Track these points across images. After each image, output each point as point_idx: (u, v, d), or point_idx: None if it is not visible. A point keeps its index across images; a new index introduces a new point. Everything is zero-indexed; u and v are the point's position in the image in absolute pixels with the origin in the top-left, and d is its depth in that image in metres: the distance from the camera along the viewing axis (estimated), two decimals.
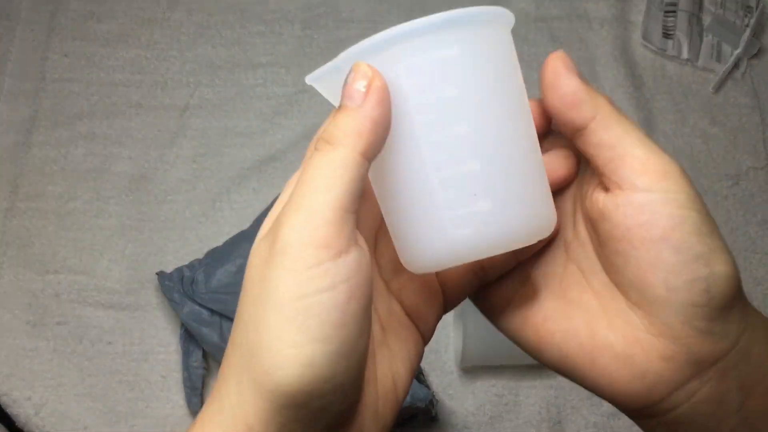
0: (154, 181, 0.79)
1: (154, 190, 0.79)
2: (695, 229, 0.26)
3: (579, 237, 0.30)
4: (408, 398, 0.62)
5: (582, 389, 0.74)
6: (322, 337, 0.24)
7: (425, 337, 0.32)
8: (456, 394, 0.71)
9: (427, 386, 0.66)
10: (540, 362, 0.30)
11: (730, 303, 0.26)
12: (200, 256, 0.74)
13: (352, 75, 0.27)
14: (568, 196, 0.30)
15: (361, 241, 0.26)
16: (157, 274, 0.72)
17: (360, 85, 0.26)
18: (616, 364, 0.27)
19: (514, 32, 0.30)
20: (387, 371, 0.29)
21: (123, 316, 0.73)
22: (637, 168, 0.26)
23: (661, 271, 0.25)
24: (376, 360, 0.29)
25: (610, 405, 0.43)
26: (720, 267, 0.26)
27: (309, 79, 0.28)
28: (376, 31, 0.28)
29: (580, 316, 0.28)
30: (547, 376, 0.71)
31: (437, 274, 0.32)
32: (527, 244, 0.27)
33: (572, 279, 0.30)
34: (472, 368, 0.71)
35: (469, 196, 0.26)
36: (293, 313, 0.24)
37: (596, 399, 0.70)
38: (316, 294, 0.24)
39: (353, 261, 0.25)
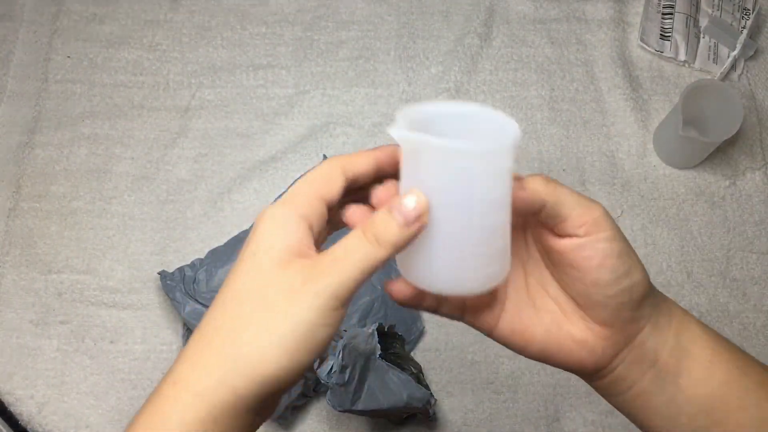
0: (155, 181, 0.80)
1: (156, 190, 0.79)
2: (620, 254, 0.37)
3: (532, 258, 0.41)
4: (405, 398, 0.62)
5: (580, 388, 0.75)
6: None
7: None
8: (455, 392, 0.71)
9: (426, 386, 0.67)
10: (525, 356, 0.41)
11: (644, 297, 0.38)
12: (202, 255, 0.74)
13: (414, 199, 0.35)
14: (519, 230, 0.41)
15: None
16: (159, 273, 0.73)
17: (413, 213, 0.35)
18: (576, 346, 0.39)
19: (513, 33, 0.31)
20: None
21: (125, 315, 0.74)
22: (576, 222, 0.37)
23: (599, 287, 0.37)
24: None
25: (607, 404, 0.45)
26: (636, 276, 0.37)
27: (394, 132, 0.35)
28: (375, 32, 0.29)
29: (549, 317, 0.40)
30: (545, 374, 0.72)
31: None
32: (497, 285, 0.38)
33: (534, 290, 0.41)
34: (471, 365, 0.72)
35: (476, 263, 0.37)
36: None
37: (594, 397, 0.71)
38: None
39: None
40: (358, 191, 0.39)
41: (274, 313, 0.34)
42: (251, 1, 0.89)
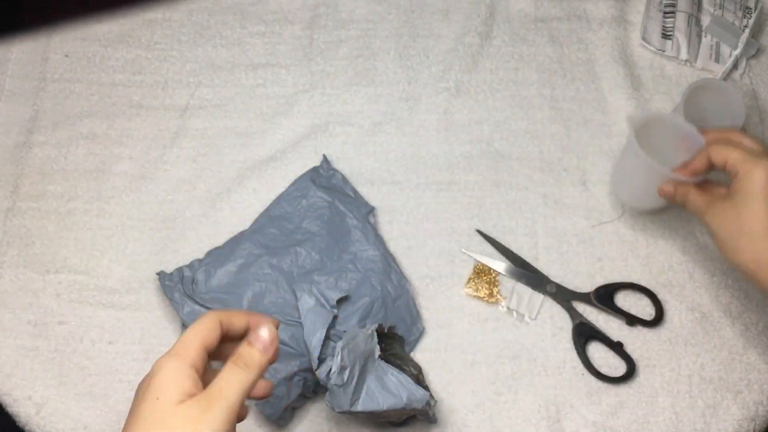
0: (154, 180, 0.79)
1: (155, 190, 0.79)
2: None
3: None
4: (405, 399, 0.62)
5: (582, 389, 0.74)
6: None
7: None
8: (456, 392, 0.71)
9: (426, 387, 0.66)
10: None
11: None
12: (200, 255, 0.74)
13: (266, 330, 0.47)
14: None
15: None
16: (157, 273, 0.72)
17: (268, 340, 0.46)
18: None
19: (514, 32, 0.31)
20: None
21: (124, 316, 0.73)
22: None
23: None
24: None
25: (609, 404, 0.43)
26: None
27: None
28: (375, 31, 0.29)
29: None
30: (546, 375, 0.71)
31: None
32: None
33: None
34: (471, 365, 0.71)
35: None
36: None
37: (595, 398, 0.71)
38: None
39: None
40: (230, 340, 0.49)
41: None
42: None
